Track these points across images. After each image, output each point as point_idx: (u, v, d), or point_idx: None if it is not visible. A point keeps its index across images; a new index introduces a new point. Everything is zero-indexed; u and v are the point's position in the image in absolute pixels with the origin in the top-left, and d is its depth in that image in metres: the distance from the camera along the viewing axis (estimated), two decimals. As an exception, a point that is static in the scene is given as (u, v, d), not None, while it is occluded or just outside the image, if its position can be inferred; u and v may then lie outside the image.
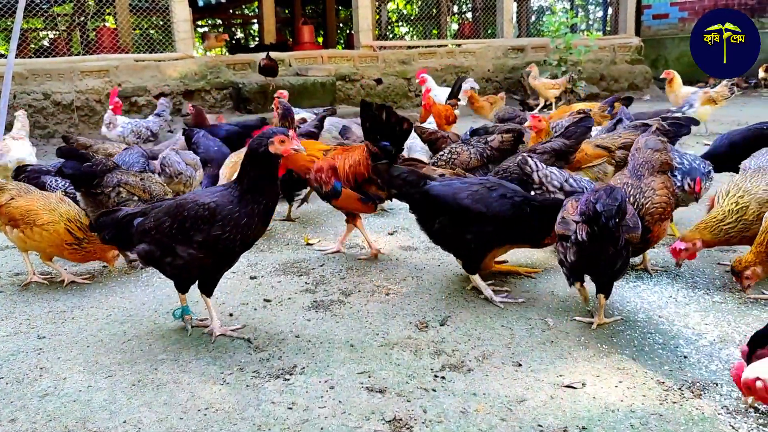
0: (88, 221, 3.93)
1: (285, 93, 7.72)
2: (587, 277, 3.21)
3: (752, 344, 2.35)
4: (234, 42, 23.27)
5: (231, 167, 4.83)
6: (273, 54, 12.68)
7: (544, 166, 3.74)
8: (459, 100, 8.52)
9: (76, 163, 4.32)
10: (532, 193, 3.76)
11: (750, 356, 2.32)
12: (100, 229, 3.30)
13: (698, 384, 2.61)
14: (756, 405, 2.40)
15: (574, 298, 3.52)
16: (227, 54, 17.95)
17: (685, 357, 2.84)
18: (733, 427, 2.32)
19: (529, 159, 3.59)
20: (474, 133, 5.76)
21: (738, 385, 2.28)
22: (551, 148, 4.41)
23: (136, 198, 4.30)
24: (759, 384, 2.14)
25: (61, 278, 4.04)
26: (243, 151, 5.33)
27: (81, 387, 2.74)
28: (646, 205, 3.42)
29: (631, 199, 3.44)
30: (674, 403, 2.48)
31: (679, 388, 2.58)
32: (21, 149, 6.35)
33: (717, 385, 2.60)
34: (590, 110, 6.29)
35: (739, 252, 3.81)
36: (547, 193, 3.44)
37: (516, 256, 4.18)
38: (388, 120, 3.90)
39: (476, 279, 3.59)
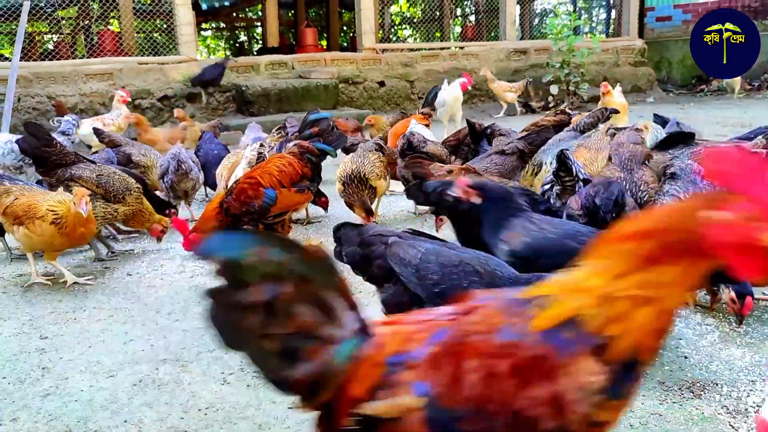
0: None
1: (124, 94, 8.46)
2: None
3: None
4: (237, 45, 23.37)
5: (230, 168, 4.86)
6: (276, 57, 12.73)
7: (574, 159, 3.76)
8: (434, 109, 8.56)
9: (34, 140, 4.50)
10: (552, 186, 3.77)
11: None
12: (341, 243, 2.63)
13: (698, 384, 2.60)
14: None
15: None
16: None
17: (686, 357, 2.84)
18: (733, 427, 2.32)
19: (569, 153, 3.65)
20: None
21: None
22: (517, 149, 4.63)
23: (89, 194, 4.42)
24: None
25: (64, 279, 4.06)
26: (238, 152, 5.40)
27: (83, 387, 2.75)
28: (644, 199, 3.45)
29: (629, 193, 3.47)
30: (674, 402, 2.48)
31: (680, 388, 2.58)
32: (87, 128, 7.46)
33: (717, 385, 2.60)
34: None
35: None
36: (577, 182, 3.50)
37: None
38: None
39: None
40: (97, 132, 6.59)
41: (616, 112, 6.05)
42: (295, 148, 4.25)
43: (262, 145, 4.80)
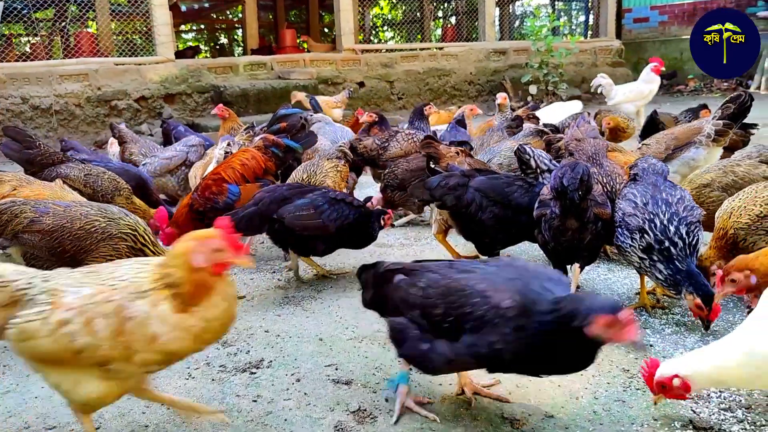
0: None
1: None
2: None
3: None
4: (218, 47, 23.26)
5: (202, 167, 4.82)
6: (255, 58, 12.62)
7: (535, 151, 3.76)
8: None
9: (15, 144, 4.52)
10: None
11: None
12: (364, 288, 2.59)
13: (662, 371, 2.62)
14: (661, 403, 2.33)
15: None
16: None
17: (651, 345, 2.86)
18: (694, 412, 2.33)
19: (526, 148, 3.67)
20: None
21: (650, 384, 2.22)
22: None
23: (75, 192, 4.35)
24: (676, 381, 2.12)
25: None
26: (210, 152, 5.34)
27: (43, 384, 2.68)
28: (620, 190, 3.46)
29: (608, 187, 3.47)
30: (638, 389, 2.50)
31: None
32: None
33: (681, 372, 2.61)
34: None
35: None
36: (541, 174, 3.51)
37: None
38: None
39: None
40: (111, 127, 6.55)
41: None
42: (260, 141, 4.23)
43: (229, 144, 4.78)
